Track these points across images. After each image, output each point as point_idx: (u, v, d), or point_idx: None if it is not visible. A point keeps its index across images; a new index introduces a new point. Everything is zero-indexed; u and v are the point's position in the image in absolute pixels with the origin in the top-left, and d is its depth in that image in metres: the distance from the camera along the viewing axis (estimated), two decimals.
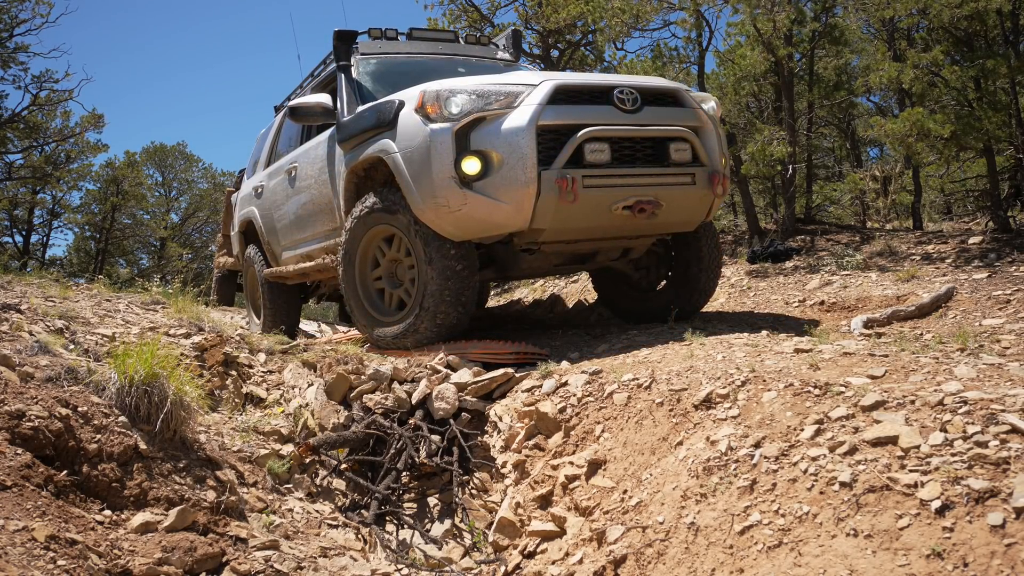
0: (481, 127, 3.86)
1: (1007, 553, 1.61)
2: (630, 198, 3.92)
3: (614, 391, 3.09)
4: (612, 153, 3.91)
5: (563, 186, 3.74)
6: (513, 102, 3.84)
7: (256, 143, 7.42)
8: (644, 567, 2.22)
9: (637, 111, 4.00)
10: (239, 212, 7.17)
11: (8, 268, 10.62)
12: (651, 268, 5.15)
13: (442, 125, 3.88)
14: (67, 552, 2.13)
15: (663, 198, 4.01)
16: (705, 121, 4.24)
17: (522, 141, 3.74)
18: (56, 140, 21.35)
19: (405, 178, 4.04)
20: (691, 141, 4.13)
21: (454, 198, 3.86)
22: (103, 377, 2.98)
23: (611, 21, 9.49)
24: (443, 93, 3.93)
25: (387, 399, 3.72)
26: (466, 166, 3.83)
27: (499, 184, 3.79)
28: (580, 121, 3.87)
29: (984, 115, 6.96)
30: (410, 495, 3.42)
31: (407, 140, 4.04)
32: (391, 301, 4.48)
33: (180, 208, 31.96)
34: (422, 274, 4.10)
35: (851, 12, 9.55)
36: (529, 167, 3.73)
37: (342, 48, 5.19)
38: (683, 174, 4.10)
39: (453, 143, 3.84)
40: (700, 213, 4.33)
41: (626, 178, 3.94)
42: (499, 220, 3.88)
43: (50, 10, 17.67)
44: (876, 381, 2.45)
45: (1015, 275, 5.23)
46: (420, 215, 4.02)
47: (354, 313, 4.58)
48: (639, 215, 3.94)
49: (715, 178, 4.17)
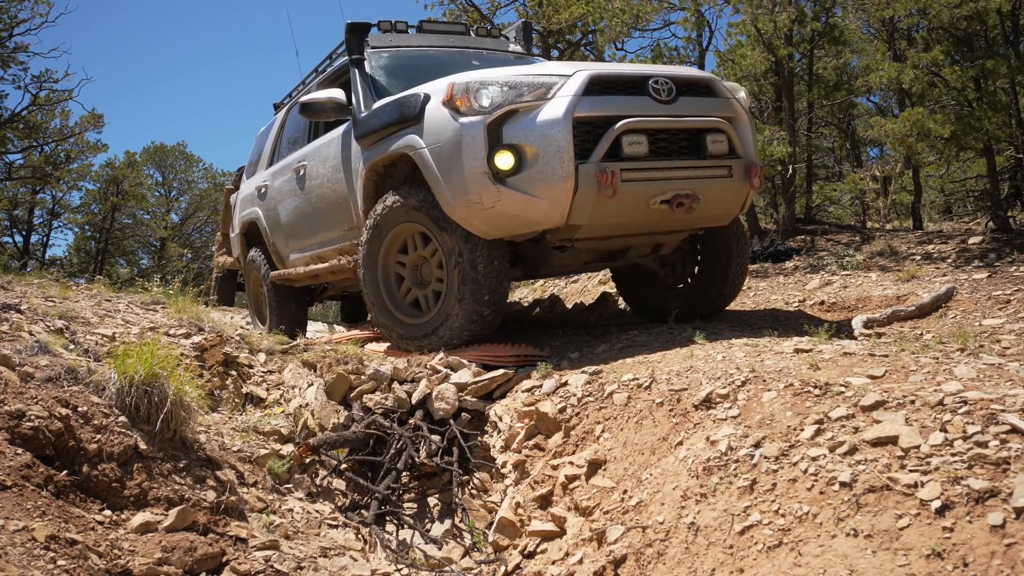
0: (514, 120, 3.71)
1: (1007, 553, 1.61)
2: (668, 192, 3.77)
3: (614, 391, 3.09)
4: (650, 145, 3.77)
5: (602, 180, 3.60)
6: (546, 93, 3.69)
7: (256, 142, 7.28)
8: (644, 567, 2.22)
9: (672, 102, 3.86)
10: (240, 213, 6.98)
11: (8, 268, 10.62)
12: (676, 265, 4.99)
13: (473, 118, 3.73)
14: (67, 552, 2.13)
15: (701, 191, 3.86)
16: (739, 111, 4.12)
17: (558, 134, 3.59)
18: (56, 140, 21.36)
19: (434, 174, 3.89)
20: (727, 132, 4.00)
21: (487, 194, 3.71)
22: (103, 377, 2.98)
23: (611, 21, 9.49)
24: (473, 85, 3.78)
25: (387, 399, 3.72)
26: (499, 161, 3.67)
27: (534, 179, 3.64)
28: (617, 112, 3.72)
29: (984, 115, 6.96)
30: (410, 495, 3.42)
31: (435, 135, 3.88)
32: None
33: (180, 208, 31.97)
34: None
35: (851, 12, 9.56)
36: (566, 161, 3.58)
37: (354, 41, 5.03)
38: (720, 166, 3.97)
39: (485, 137, 3.69)
40: (736, 207, 4.22)
41: (664, 171, 3.80)
42: (534, 217, 3.74)
43: (50, 10, 17.69)
44: (876, 381, 2.45)
45: (1015, 275, 5.23)
46: (451, 213, 3.87)
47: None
48: (677, 209, 3.80)
49: (752, 170, 4.04)
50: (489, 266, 3.90)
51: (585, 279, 8.88)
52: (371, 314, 4.45)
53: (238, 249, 7.03)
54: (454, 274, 3.94)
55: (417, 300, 4.31)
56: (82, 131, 20.98)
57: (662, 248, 4.55)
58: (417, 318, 4.25)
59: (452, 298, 3.96)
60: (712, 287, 4.72)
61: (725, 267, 4.64)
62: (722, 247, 4.64)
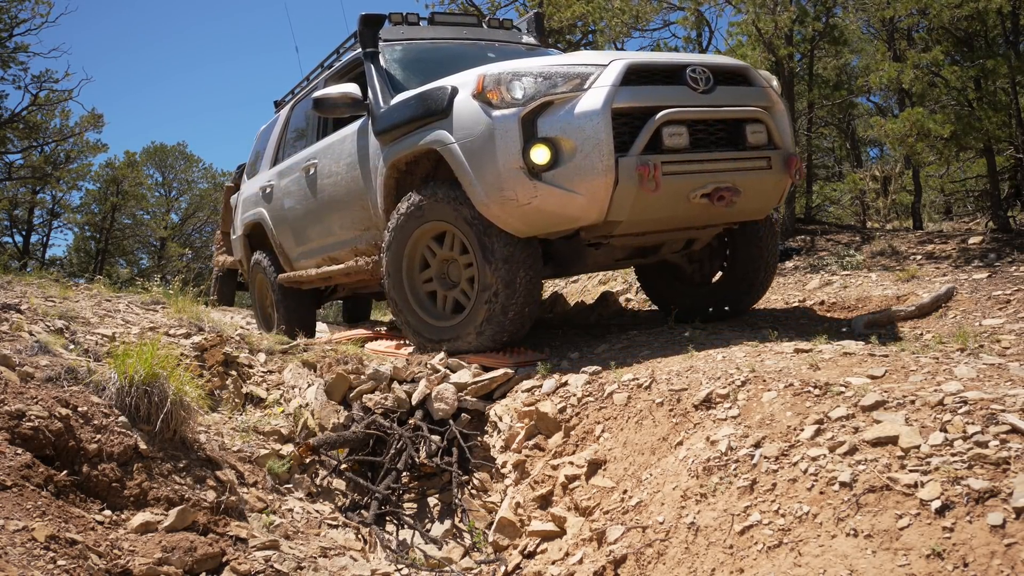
0: (549, 112, 3.55)
1: (1007, 553, 1.61)
2: (708, 185, 3.64)
3: (614, 391, 3.09)
4: (690, 137, 3.63)
5: (644, 174, 3.45)
6: (582, 84, 3.53)
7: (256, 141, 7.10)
8: (644, 567, 2.22)
9: (710, 91, 3.73)
10: (243, 214, 6.77)
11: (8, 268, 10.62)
12: (704, 261, 4.83)
13: (506, 111, 3.58)
14: (67, 552, 2.13)
15: (741, 184, 3.73)
16: (776, 100, 4.01)
17: (597, 126, 3.44)
18: (56, 140, 21.37)
19: (465, 171, 3.73)
20: (766, 122, 3.88)
21: (522, 190, 3.56)
22: (103, 377, 2.98)
23: (611, 21, 9.50)
24: (505, 76, 3.63)
25: (387, 399, 3.72)
26: (535, 155, 3.52)
27: (572, 173, 3.49)
28: (655, 103, 3.58)
29: (984, 115, 6.96)
30: (410, 495, 3.42)
31: (466, 129, 3.73)
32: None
33: (180, 208, 31.98)
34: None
35: (851, 12, 9.56)
36: (605, 154, 3.43)
37: (368, 34, 4.86)
38: (759, 158, 3.84)
39: (520, 130, 3.54)
40: (774, 200, 4.10)
41: (704, 164, 3.67)
42: (572, 213, 3.59)
43: (50, 10, 17.69)
44: (876, 381, 2.45)
45: (1015, 275, 5.23)
46: (484, 210, 3.71)
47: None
48: (717, 203, 3.66)
49: (792, 161, 3.92)
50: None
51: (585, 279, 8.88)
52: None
53: (241, 251, 6.89)
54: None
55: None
56: (82, 131, 21.00)
57: (694, 243, 4.42)
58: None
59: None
60: (742, 283, 4.59)
61: (756, 262, 4.52)
62: (752, 242, 4.51)
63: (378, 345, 4.86)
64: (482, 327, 3.84)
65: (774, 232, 4.58)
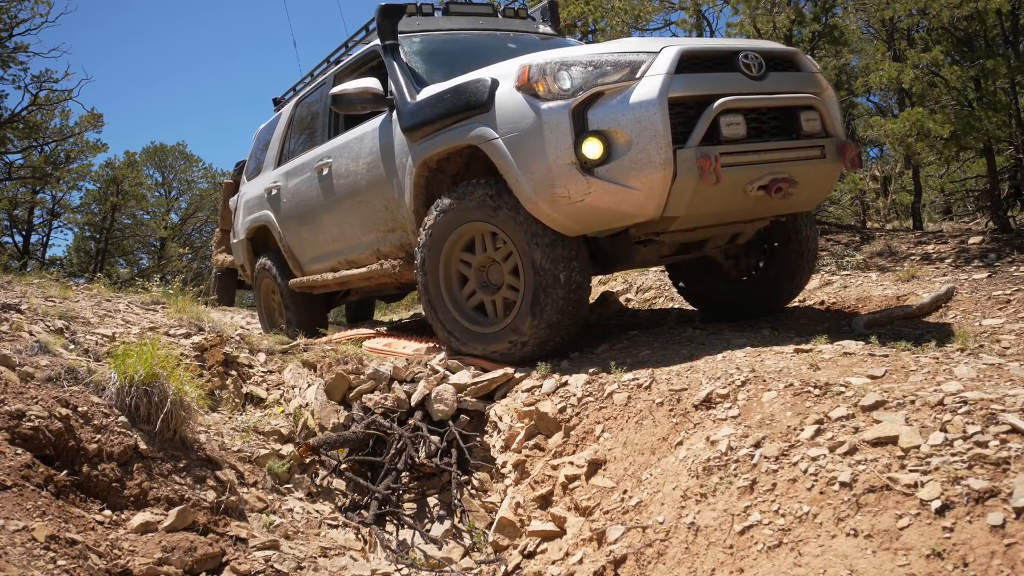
0: (599, 103, 3.37)
1: (1007, 553, 1.61)
2: (766, 176, 3.48)
3: (614, 391, 3.09)
4: (747, 126, 3.47)
5: (705, 166, 3.28)
6: (634, 73, 3.36)
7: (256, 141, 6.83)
8: (644, 567, 2.22)
9: (763, 78, 3.58)
10: (245, 217, 6.49)
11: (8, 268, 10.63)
12: (740, 256, 4.62)
13: (555, 103, 3.40)
14: (67, 552, 2.13)
15: (797, 175, 3.57)
16: (826, 86, 3.85)
17: (653, 117, 3.26)
18: (56, 140, 21.38)
19: (510, 167, 3.54)
20: (820, 109, 3.73)
21: (575, 187, 3.38)
22: (103, 377, 2.98)
23: (611, 21, 9.50)
24: (552, 66, 3.46)
25: (387, 399, 3.72)
26: (587, 149, 3.34)
27: (628, 168, 3.31)
28: (712, 91, 3.42)
29: (984, 115, 6.96)
30: (410, 495, 3.42)
31: (511, 123, 3.54)
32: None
33: (180, 208, 31.99)
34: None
35: (851, 12, 9.56)
36: (663, 146, 3.26)
37: (387, 25, 4.62)
38: (814, 147, 3.69)
39: (571, 124, 3.36)
40: (827, 190, 3.97)
41: (761, 154, 3.52)
42: (627, 209, 3.40)
43: (50, 10, 17.70)
44: (876, 381, 2.45)
45: (1015, 275, 5.23)
46: (532, 208, 3.53)
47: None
48: (775, 195, 3.51)
49: (847, 149, 3.75)
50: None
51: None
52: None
53: (244, 256, 6.65)
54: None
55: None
56: (82, 131, 21.02)
57: (739, 238, 4.24)
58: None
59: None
60: (782, 278, 4.45)
61: (796, 256, 4.36)
62: (792, 234, 4.35)
63: (376, 342, 4.85)
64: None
65: (814, 224, 4.43)
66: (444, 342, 4.12)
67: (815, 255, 4.45)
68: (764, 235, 4.46)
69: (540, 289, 3.60)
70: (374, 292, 6.02)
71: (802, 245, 4.35)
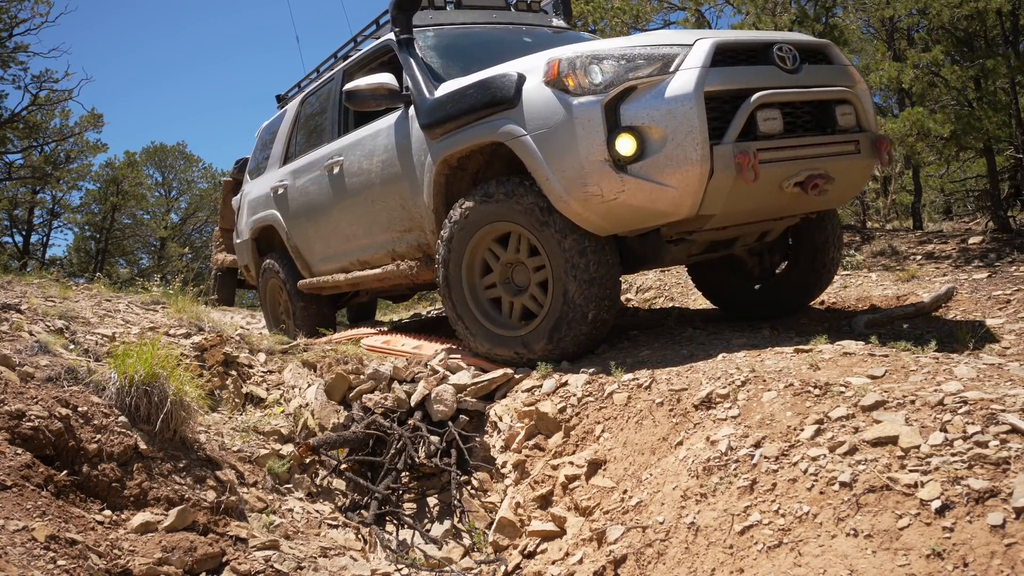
0: (632, 98, 3.27)
1: (1007, 553, 1.61)
2: (802, 172, 3.39)
3: (614, 391, 3.09)
4: (783, 121, 3.39)
5: (743, 162, 3.19)
6: (667, 66, 3.26)
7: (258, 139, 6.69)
8: (644, 567, 2.22)
9: (798, 71, 3.49)
10: (250, 217, 6.33)
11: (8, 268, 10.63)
12: (764, 254, 4.53)
13: (587, 99, 3.30)
14: (67, 552, 2.14)
15: (833, 171, 3.49)
16: (859, 80, 3.76)
17: (690, 112, 3.16)
18: (56, 140, 21.41)
19: (540, 165, 3.44)
20: (854, 103, 3.64)
21: (608, 185, 3.28)
22: (103, 377, 2.98)
23: (611, 21, 9.50)
24: (582, 60, 3.35)
25: (387, 399, 3.72)
26: (620, 146, 3.24)
27: (663, 165, 3.21)
28: (748, 85, 3.33)
29: (984, 115, 6.96)
30: (410, 495, 3.43)
31: (540, 119, 3.44)
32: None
33: (180, 208, 32.02)
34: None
35: (851, 12, 9.56)
36: (700, 142, 3.16)
37: (402, 19, 4.50)
38: (848, 142, 3.60)
39: (603, 119, 3.26)
40: (860, 186, 3.86)
41: (797, 150, 3.43)
42: (662, 207, 3.30)
43: (50, 10, 17.73)
44: (876, 381, 2.45)
45: (1015, 275, 5.23)
46: (562, 207, 3.43)
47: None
48: (811, 192, 3.42)
49: (882, 144, 3.67)
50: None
51: None
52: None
53: (248, 256, 6.49)
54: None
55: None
56: (82, 131, 21.05)
57: (768, 235, 4.16)
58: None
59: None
60: (808, 276, 4.38)
61: (823, 254, 4.29)
62: (817, 230, 4.28)
63: (374, 340, 4.85)
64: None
65: (838, 221, 4.37)
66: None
67: (841, 251, 4.38)
68: (789, 232, 4.39)
69: (565, 320, 3.54)
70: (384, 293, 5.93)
71: (828, 241, 4.28)
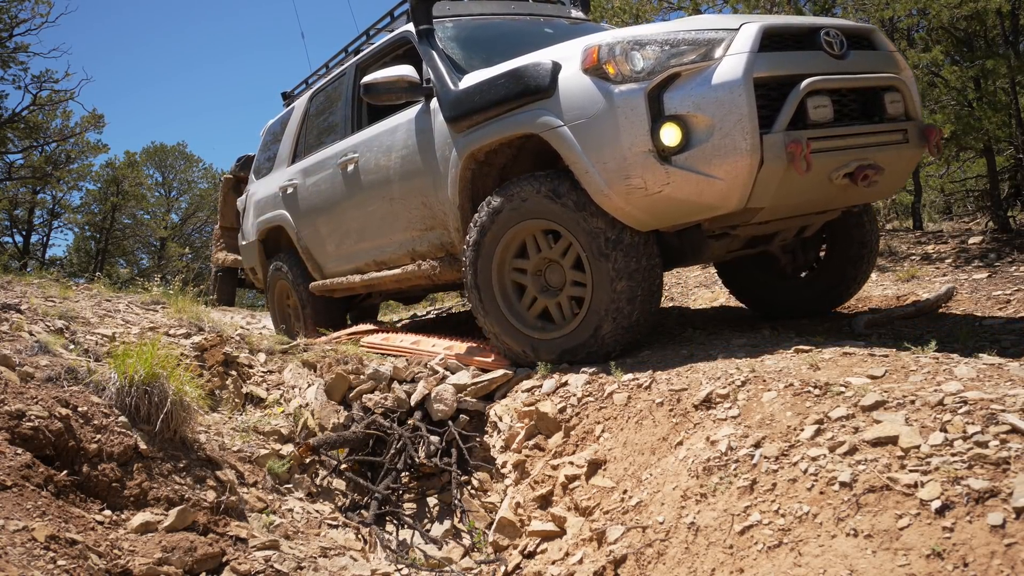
0: (676, 86, 3.11)
1: (1007, 553, 1.61)
2: (851, 163, 3.23)
3: (614, 391, 3.09)
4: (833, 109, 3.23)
5: (795, 152, 3.03)
6: (712, 52, 3.10)
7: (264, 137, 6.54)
8: (644, 567, 2.22)
9: (845, 56, 3.33)
10: (257, 217, 6.16)
11: (8, 268, 10.63)
12: (797, 251, 4.37)
13: (629, 87, 3.13)
14: (67, 552, 2.14)
15: (882, 161, 3.33)
16: (905, 66, 3.61)
17: (738, 99, 3.00)
18: (56, 140, 21.43)
19: (578, 157, 3.27)
20: (902, 91, 3.49)
21: (652, 177, 3.12)
22: (103, 377, 2.98)
23: (611, 20, 9.50)
24: (623, 46, 3.18)
25: (387, 399, 3.72)
26: (664, 136, 3.08)
27: (710, 155, 3.04)
28: (797, 71, 3.16)
29: (984, 115, 6.96)
30: (410, 495, 3.43)
31: (578, 109, 3.27)
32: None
33: (180, 208, 32.05)
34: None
35: (851, 12, 9.55)
36: (749, 131, 2.99)
37: (422, 9, 4.36)
38: (897, 131, 3.45)
39: (647, 108, 3.09)
40: (907, 177, 3.73)
41: (848, 139, 3.27)
42: (709, 200, 3.13)
43: (50, 10, 17.75)
44: (876, 381, 2.45)
45: (1015, 275, 5.23)
46: (602, 201, 3.27)
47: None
48: (861, 183, 3.26)
49: (931, 133, 3.52)
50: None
51: None
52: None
53: (255, 258, 6.35)
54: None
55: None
56: (82, 131, 21.07)
57: (806, 231, 4.01)
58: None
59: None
60: (844, 274, 4.25)
61: (859, 250, 4.16)
62: (854, 225, 4.14)
63: (374, 339, 4.85)
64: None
65: (874, 216, 4.23)
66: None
67: (877, 248, 4.28)
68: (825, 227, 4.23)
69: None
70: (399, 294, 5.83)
71: (866, 235, 4.18)
